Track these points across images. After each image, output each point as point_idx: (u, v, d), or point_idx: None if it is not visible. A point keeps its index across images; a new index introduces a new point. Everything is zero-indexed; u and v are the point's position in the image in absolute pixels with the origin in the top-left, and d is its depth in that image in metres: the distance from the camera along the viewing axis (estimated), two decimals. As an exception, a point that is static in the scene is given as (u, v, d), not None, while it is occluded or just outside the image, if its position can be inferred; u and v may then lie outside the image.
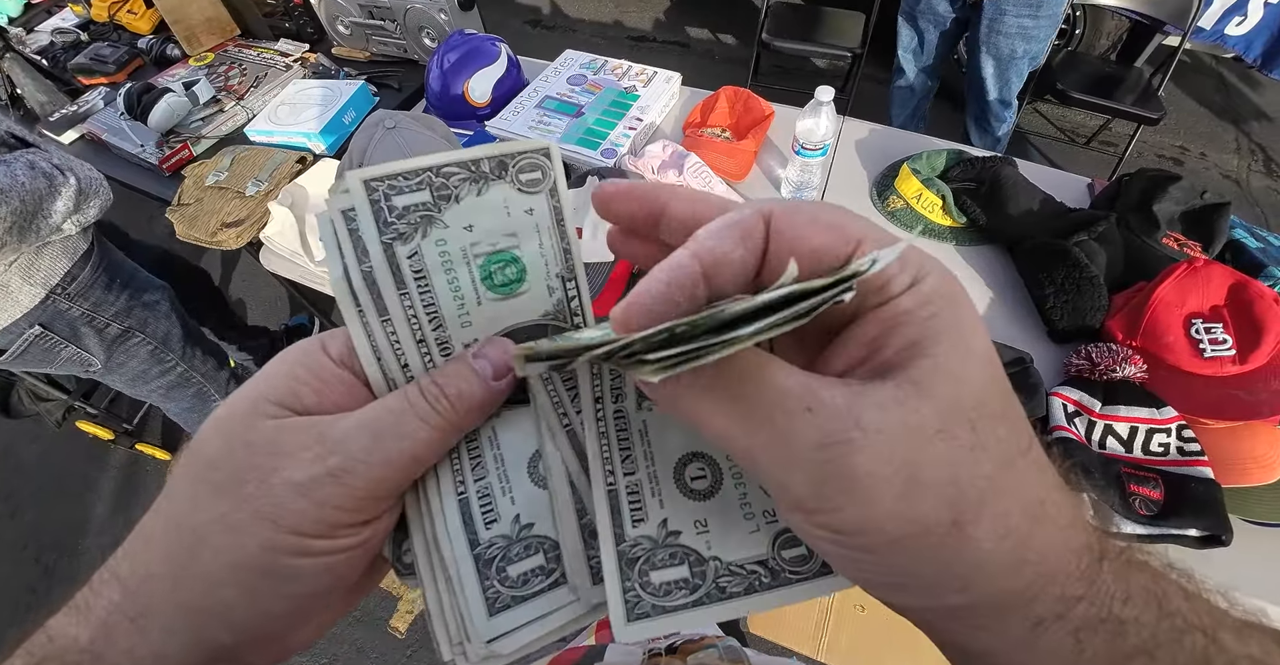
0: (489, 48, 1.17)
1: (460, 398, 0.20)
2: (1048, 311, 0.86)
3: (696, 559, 0.20)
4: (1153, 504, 0.71)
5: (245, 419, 0.19)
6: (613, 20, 2.93)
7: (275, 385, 0.19)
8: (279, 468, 0.18)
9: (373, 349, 0.20)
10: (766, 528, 0.20)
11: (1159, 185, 0.94)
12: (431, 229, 0.21)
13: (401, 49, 1.36)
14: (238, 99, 1.30)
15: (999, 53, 1.61)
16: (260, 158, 1.17)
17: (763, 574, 0.20)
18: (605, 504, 0.20)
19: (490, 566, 0.20)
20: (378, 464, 0.18)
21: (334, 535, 0.18)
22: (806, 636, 1.16)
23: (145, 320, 1.13)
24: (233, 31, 1.45)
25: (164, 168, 1.20)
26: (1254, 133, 2.40)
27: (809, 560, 0.20)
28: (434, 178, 0.20)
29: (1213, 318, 0.80)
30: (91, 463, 1.61)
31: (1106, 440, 0.76)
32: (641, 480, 0.21)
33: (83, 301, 1.02)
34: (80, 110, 1.29)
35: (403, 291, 0.20)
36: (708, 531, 0.20)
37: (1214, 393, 0.77)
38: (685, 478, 0.21)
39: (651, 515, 0.20)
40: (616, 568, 0.20)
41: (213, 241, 1.08)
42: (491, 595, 0.20)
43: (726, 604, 0.19)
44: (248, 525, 0.18)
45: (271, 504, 0.18)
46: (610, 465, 0.21)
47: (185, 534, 0.18)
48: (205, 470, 0.18)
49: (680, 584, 0.20)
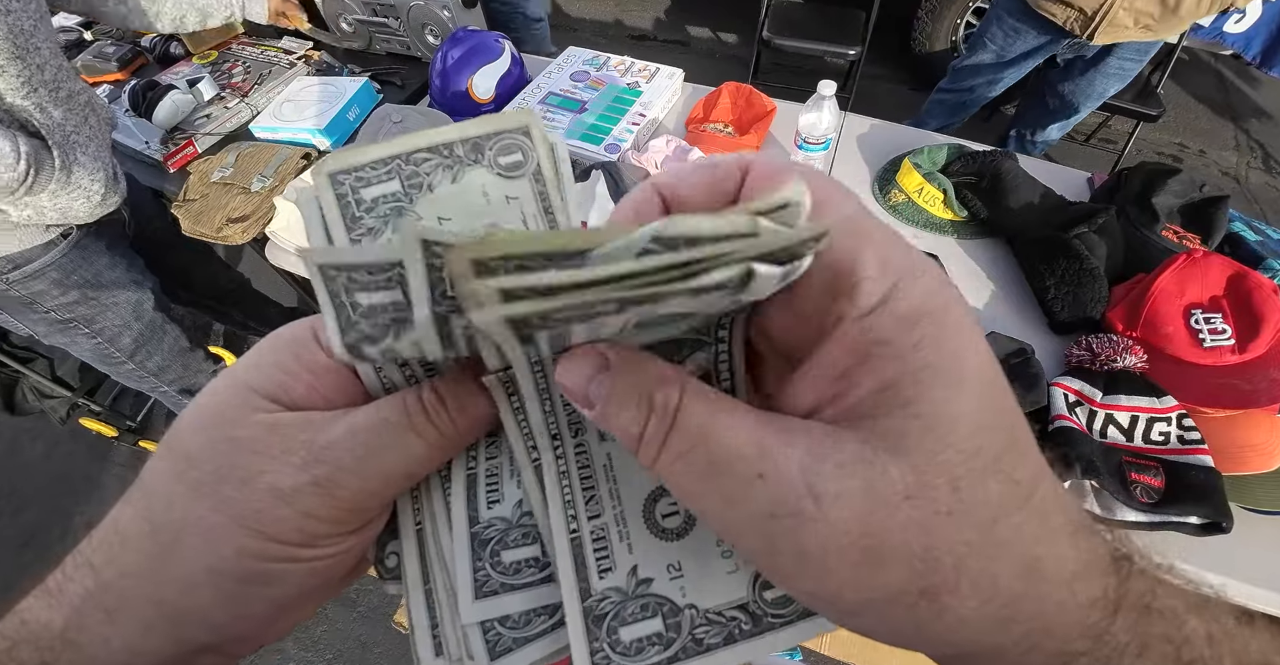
0: (492, 44, 1.17)
1: (462, 413, 0.18)
2: (1049, 303, 0.87)
3: (671, 609, 0.18)
4: (1154, 492, 0.72)
5: (232, 412, 0.18)
6: (613, 19, 2.94)
7: (265, 376, 0.18)
8: (263, 471, 0.17)
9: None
10: (746, 567, 0.18)
11: (1158, 178, 0.95)
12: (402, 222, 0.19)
13: (405, 46, 1.37)
14: (241, 96, 1.31)
15: (1091, 90, 1.63)
16: (265, 154, 1.18)
17: (744, 620, 0.18)
18: (569, 555, 0.18)
19: (485, 548, 0.19)
20: (370, 477, 0.17)
21: (316, 544, 0.17)
22: (809, 629, 1.16)
23: (92, 317, 1.07)
24: (236, 30, 1.46)
25: (169, 164, 1.20)
26: (1253, 130, 2.41)
27: (791, 603, 0.18)
28: (404, 166, 0.19)
29: (1212, 308, 0.81)
30: (94, 460, 1.61)
31: (1108, 429, 0.77)
32: (608, 523, 0.19)
33: (21, 288, 0.97)
34: (85, 108, 1.30)
35: None
36: (682, 576, 0.18)
37: (1213, 382, 0.77)
38: (656, 515, 0.19)
39: (620, 563, 0.18)
40: (582, 628, 0.18)
41: (219, 236, 1.09)
42: (481, 577, 0.19)
43: (705, 658, 0.17)
44: (226, 530, 0.17)
45: (252, 510, 0.17)
46: (573, 509, 0.19)
47: (161, 532, 0.17)
48: (184, 466, 0.17)
49: (653, 639, 0.18)
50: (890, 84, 2.49)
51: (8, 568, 1.45)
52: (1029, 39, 1.53)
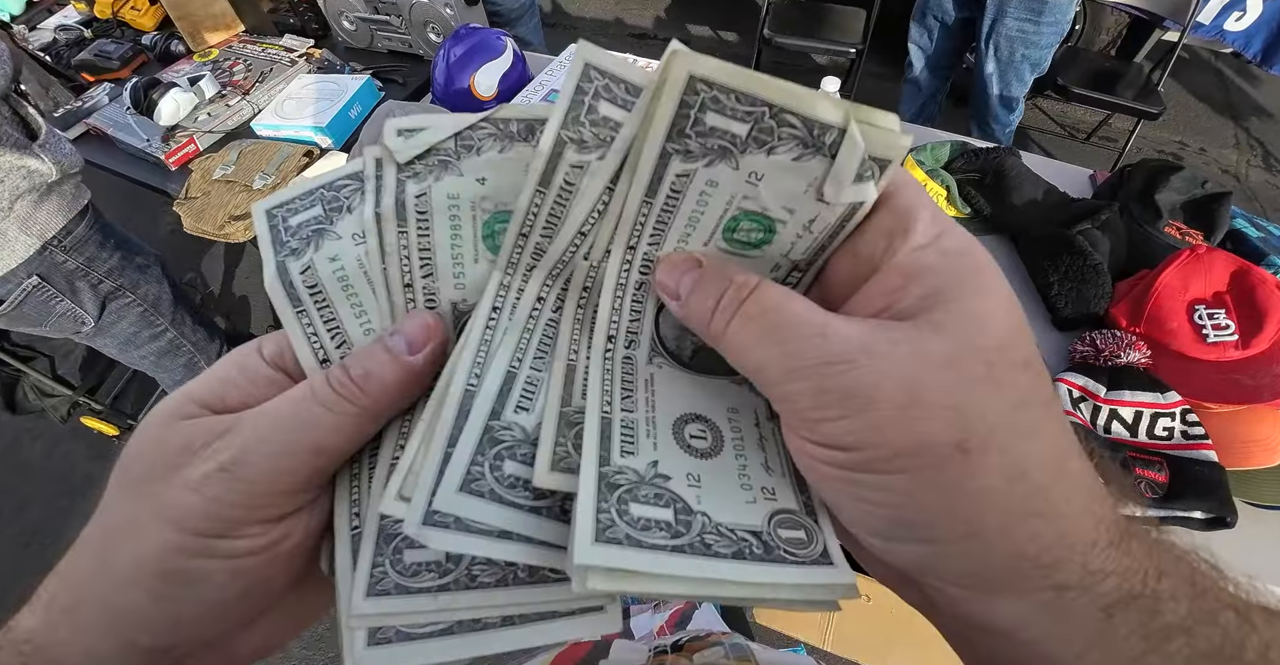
0: (495, 42, 1.17)
1: (368, 378, 0.18)
2: (1052, 299, 0.87)
3: (684, 508, 0.17)
4: (1158, 487, 0.72)
5: (165, 418, 0.18)
6: (614, 18, 2.94)
7: (205, 385, 0.19)
8: (182, 465, 0.17)
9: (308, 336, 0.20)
10: (764, 502, 0.18)
11: (1161, 175, 0.95)
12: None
13: (406, 43, 1.37)
14: (243, 94, 1.31)
15: (999, 54, 1.62)
16: (267, 152, 1.17)
17: (754, 544, 0.17)
18: (596, 428, 0.18)
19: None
20: (275, 456, 0.17)
21: (235, 534, 0.17)
22: (813, 626, 1.16)
23: (137, 281, 1.16)
24: (237, 27, 1.46)
25: (170, 162, 1.20)
26: (1253, 128, 2.41)
27: (807, 545, 0.18)
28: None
29: (1215, 304, 0.81)
30: (95, 459, 1.61)
31: (1112, 425, 0.77)
32: (638, 420, 0.19)
33: (77, 255, 1.04)
34: (85, 106, 1.29)
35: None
36: (699, 487, 0.18)
37: (1217, 377, 0.78)
38: (685, 434, 0.19)
39: (643, 452, 0.18)
40: (595, 487, 0.17)
41: (220, 234, 1.09)
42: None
43: (712, 562, 0.16)
44: (148, 525, 0.17)
45: (169, 503, 0.17)
46: (610, 397, 0.19)
47: (103, 533, 0.18)
48: (121, 471, 0.18)
49: (662, 525, 0.17)
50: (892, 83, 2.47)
51: (10, 567, 1.45)
52: None
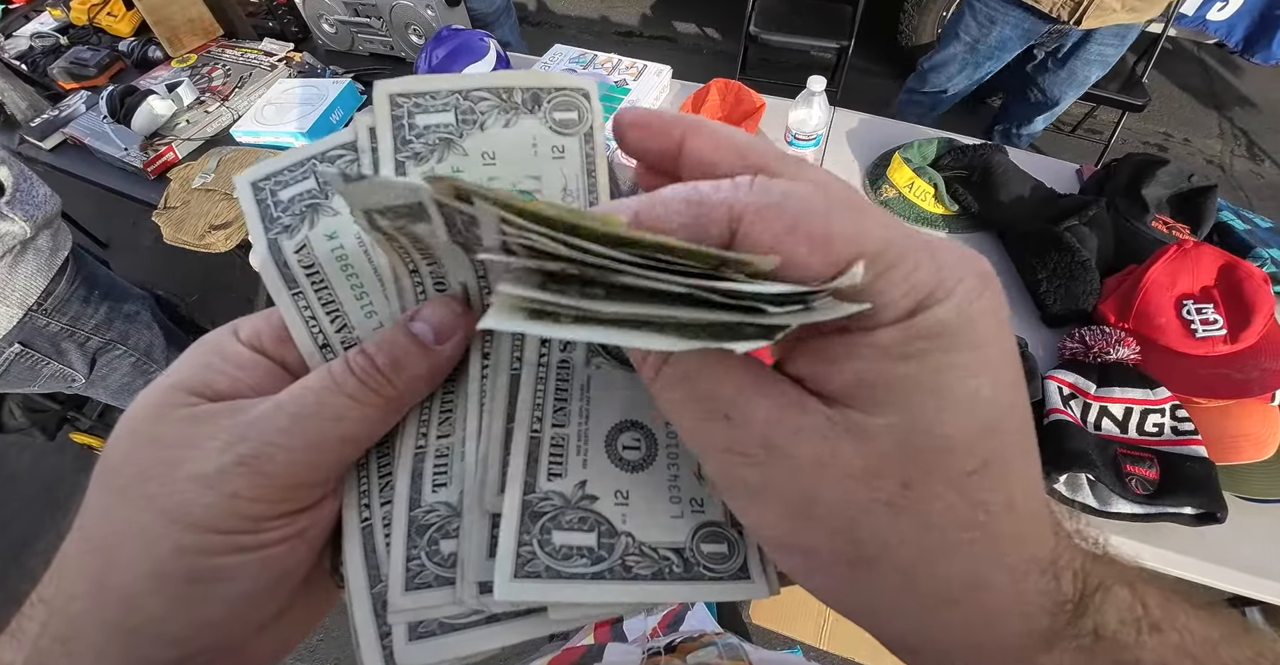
0: (477, 43, 1.16)
1: (395, 368, 0.17)
2: (1040, 296, 0.87)
3: (608, 530, 0.18)
4: (1149, 483, 0.72)
5: (154, 411, 0.17)
6: (599, 16, 2.92)
7: (186, 374, 0.18)
8: (185, 460, 0.16)
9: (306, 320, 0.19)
10: (690, 516, 0.18)
11: (1147, 169, 0.95)
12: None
13: (388, 46, 1.35)
14: (222, 100, 1.29)
15: (1074, 79, 1.60)
16: (247, 159, 1.16)
17: (675, 563, 0.18)
18: (524, 450, 0.18)
19: (423, 535, 0.18)
20: (299, 448, 0.16)
21: (259, 529, 0.16)
22: (809, 625, 1.17)
23: (126, 332, 1.11)
24: (215, 32, 1.43)
25: (149, 171, 1.18)
26: (1236, 117, 2.43)
27: (727, 560, 0.18)
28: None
29: (1203, 298, 0.81)
30: (83, 473, 1.58)
31: (1102, 422, 0.77)
32: (569, 435, 0.19)
33: (60, 316, 0.99)
34: (62, 115, 1.27)
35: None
36: (627, 505, 0.18)
37: (1206, 372, 0.78)
38: (618, 445, 0.19)
39: (571, 473, 0.18)
40: (517, 520, 0.17)
41: (201, 244, 1.07)
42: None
43: (628, 585, 0.17)
44: (158, 528, 0.16)
45: (178, 502, 0.16)
46: (540, 412, 0.19)
47: (98, 548, 0.16)
48: (110, 476, 0.17)
49: (583, 552, 0.17)
50: (878, 78, 2.48)
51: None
52: (1006, 28, 1.48)
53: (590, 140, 0.20)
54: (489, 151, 0.19)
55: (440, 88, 0.19)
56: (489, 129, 0.19)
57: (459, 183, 0.13)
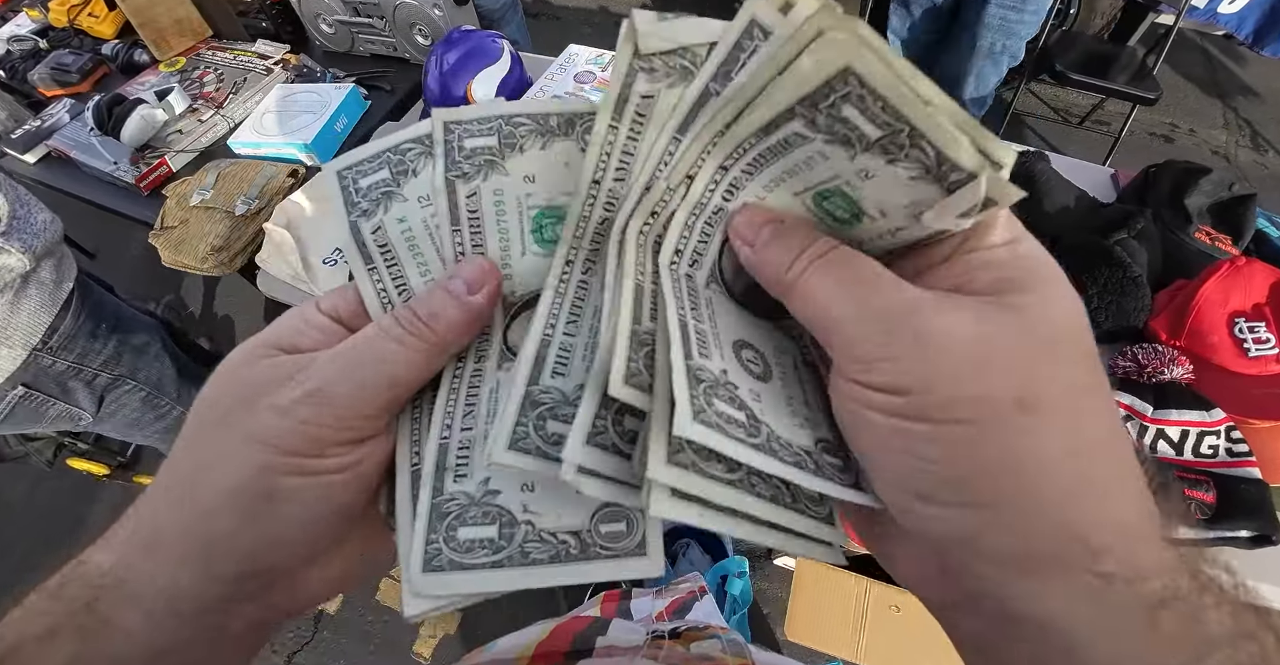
0: (490, 45, 1.10)
1: (434, 317, 0.20)
2: (1091, 313, 0.83)
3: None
4: (1207, 507, 0.71)
5: (245, 359, 0.20)
6: (598, 7, 2.83)
7: (275, 333, 0.21)
8: (264, 395, 0.19)
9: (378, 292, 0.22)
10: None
11: (1190, 178, 0.93)
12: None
13: (391, 47, 1.28)
14: (216, 107, 1.22)
15: (977, 45, 1.52)
16: (248, 172, 1.09)
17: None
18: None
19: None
20: (355, 384, 0.19)
21: (323, 454, 0.19)
22: (844, 641, 1.15)
23: (135, 367, 1.04)
24: (204, 33, 1.35)
25: (141, 186, 1.11)
26: (1241, 108, 2.42)
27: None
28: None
29: (1255, 316, 0.79)
30: (81, 500, 1.53)
31: (1158, 444, 0.75)
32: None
33: (67, 354, 0.92)
34: (45, 125, 1.19)
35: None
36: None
37: (1259, 392, 0.76)
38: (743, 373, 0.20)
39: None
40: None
41: (203, 268, 1.01)
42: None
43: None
44: (240, 450, 0.19)
45: (260, 426, 0.19)
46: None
47: (188, 468, 0.20)
48: (205, 410, 0.20)
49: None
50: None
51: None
52: None
53: None
54: (530, 174, 0.22)
55: (488, 115, 0.22)
56: (528, 151, 0.22)
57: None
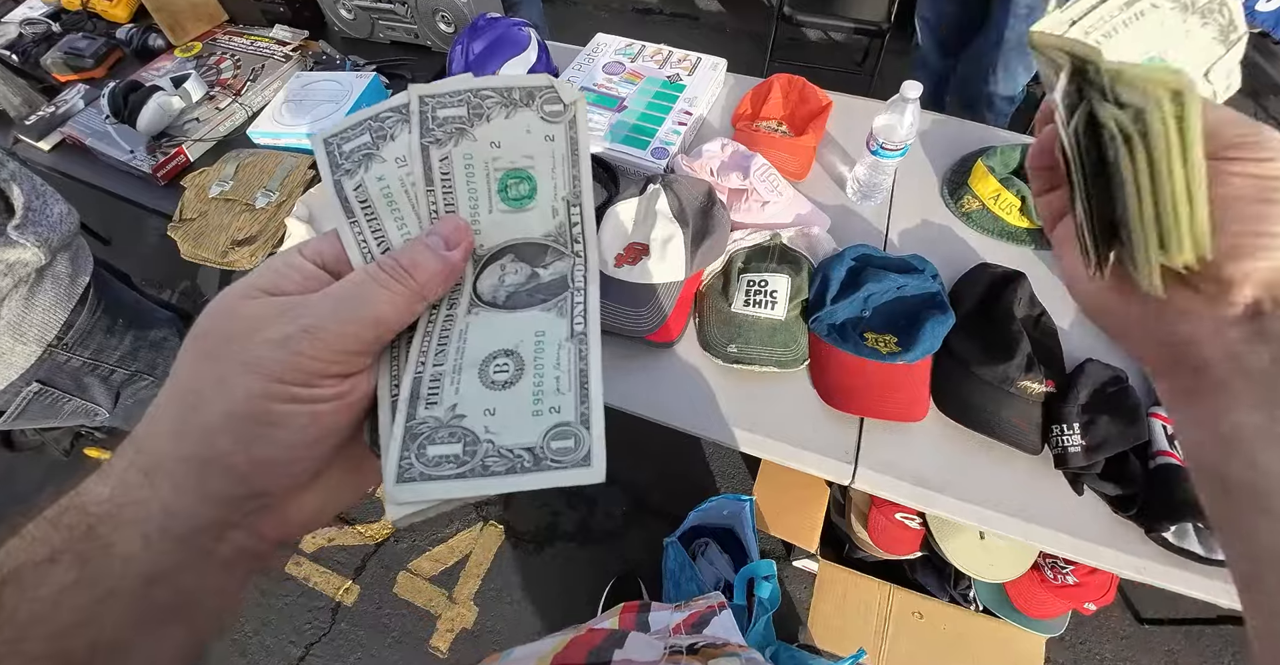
0: (517, 34, 1.06)
1: (415, 266, 0.23)
2: None
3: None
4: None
5: (234, 299, 0.22)
6: (613, -9, 2.77)
7: (263, 276, 0.23)
8: (260, 329, 0.21)
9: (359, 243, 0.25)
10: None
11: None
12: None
13: (412, 34, 1.24)
14: (234, 95, 1.18)
15: (1004, 36, 1.42)
16: (268, 163, 1.06)
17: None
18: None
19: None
20: (345, 322, 0.21)
21: (314, 384, 0.21)
22: (866, 646, 1.14)
23: (154, 362, 1.02)
24: (220, 18, 1.31)
25: (158, 177, 1.08)
26: (1271, 106, 2.36)
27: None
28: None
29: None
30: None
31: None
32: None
33: (83, 350, 0.91)
34: (59, 111, 1.16)
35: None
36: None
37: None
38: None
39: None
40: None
41: (224, 262, 0.99)
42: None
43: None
44: (237, 377, 0.20)
45: (255, 357, 0.20)
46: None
47: (184, 394, 0.21)
48: (199, 342, 0.21)
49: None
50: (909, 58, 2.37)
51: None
52: None
53: (573, 127, 0.26)
54: (495, 140, 0.25)
55: (459, 88, 0.25)
56: (494, 120, 0.25)
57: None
